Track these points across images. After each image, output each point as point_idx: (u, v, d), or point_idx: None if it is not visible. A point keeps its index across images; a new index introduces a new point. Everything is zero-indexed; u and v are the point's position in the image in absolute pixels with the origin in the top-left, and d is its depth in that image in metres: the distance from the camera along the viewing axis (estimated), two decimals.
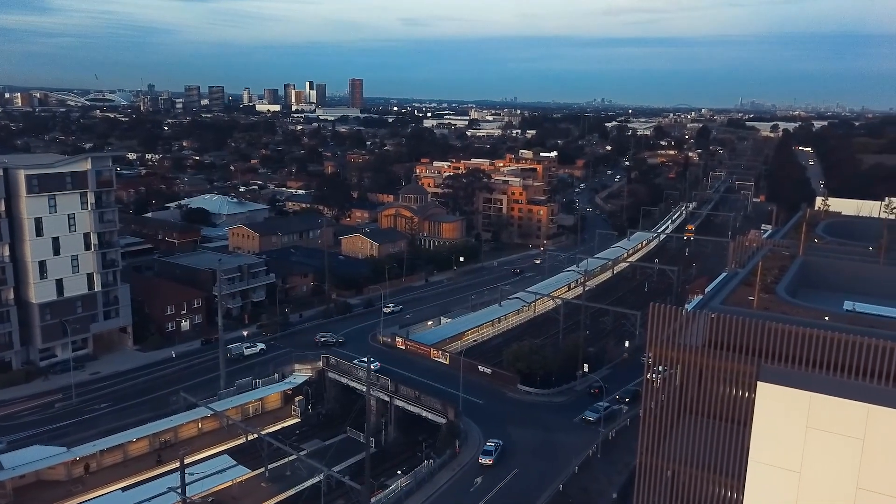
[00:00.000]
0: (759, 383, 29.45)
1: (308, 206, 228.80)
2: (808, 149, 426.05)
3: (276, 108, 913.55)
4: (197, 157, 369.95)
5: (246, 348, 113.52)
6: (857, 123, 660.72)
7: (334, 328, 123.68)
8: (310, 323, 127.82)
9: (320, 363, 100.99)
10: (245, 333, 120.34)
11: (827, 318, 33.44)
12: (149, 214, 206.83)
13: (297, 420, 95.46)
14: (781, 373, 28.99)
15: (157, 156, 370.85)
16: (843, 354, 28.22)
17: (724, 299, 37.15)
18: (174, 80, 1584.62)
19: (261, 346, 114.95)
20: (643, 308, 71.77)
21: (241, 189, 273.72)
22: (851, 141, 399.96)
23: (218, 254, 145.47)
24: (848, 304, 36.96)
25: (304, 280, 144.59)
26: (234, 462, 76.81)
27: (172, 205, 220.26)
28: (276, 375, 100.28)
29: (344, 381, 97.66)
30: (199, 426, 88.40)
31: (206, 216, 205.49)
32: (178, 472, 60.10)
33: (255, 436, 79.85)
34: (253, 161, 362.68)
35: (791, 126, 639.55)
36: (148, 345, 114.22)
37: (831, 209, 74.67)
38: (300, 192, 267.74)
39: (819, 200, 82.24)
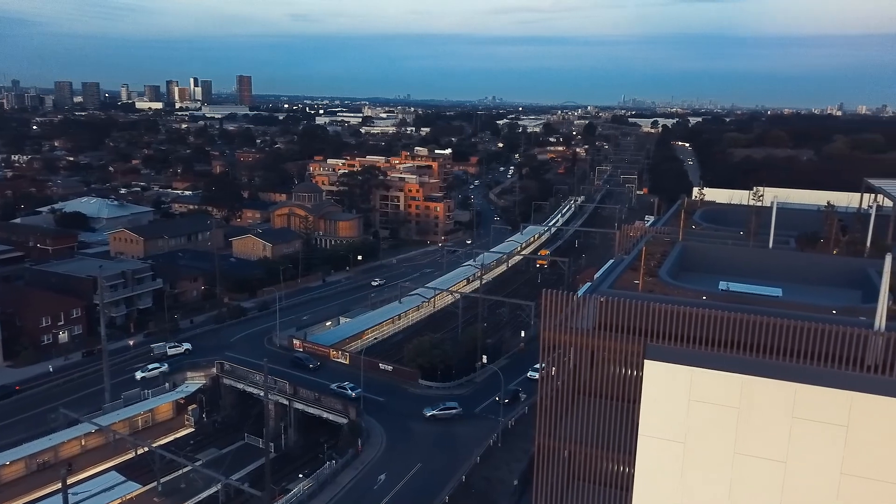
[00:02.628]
0: (646, 361, 30.92)
1: (196, 207, 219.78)
2: (686, 144, 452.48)
3: (159, 105, 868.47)
4: (71, 158, 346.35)
5: (170, 348, 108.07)
6: (727, 119, 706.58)
7: (228, 332, 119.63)
8: (201, 329, 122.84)
9: (214, 369, 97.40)
10: (131, 342, 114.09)
11: (705, 298, 35.53)
12: (17, 220, 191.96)
13: (191, 430, 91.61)
14: (665, 350, 30.55)
15: (25, 157, 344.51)
16: (720, 330, 30.10)
17: (612, 284, 38.72)
18: (42, 76, 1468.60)
19: (186, 345, 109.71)
20: (537, 299, 73.92)
21: (122, 191, 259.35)
22: (723, 136, 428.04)
23: (98, 260, 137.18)
24: (723, 284, 39.42)
25: (194, 284, 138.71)
26: (124, 478, 72.85)
27: (45, 209, 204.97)
28: (167, 385, 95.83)
29: (240, 386, 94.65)
30: (83, 443, 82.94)
31: (84, 220, 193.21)
32: (61, 494, 56.18)
33: (146, 449, 75.97)
34: (134, 161, 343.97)
35: (669, 122, 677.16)
36: (21, 360, 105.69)
37: (707, 198, 79.38)
38: (187, 192, 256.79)
39: (696, 191, 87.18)
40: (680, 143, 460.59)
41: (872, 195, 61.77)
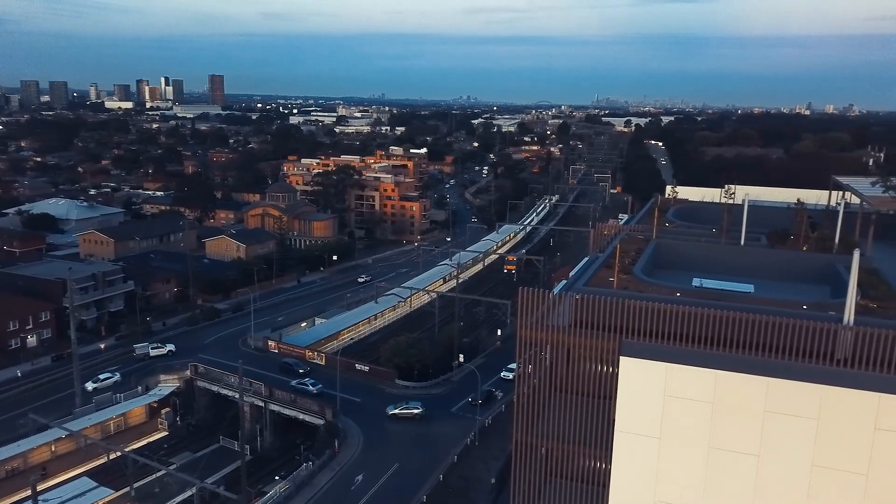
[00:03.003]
0: (621, 358, 31.16)
1: (168, 208, 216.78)
2: (659, 143, 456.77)
3: (129, 105, 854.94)
4: (38, 159, 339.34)
5: (152, 349, 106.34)
6: (699, 119, 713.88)
7: (202, 334, 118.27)
8: (174, 331, 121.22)
9: (188, 372, 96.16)
10: (102, 346, 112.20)
11: (678, 294, 35.97)
12: None
13: (165, 433, 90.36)
14: (640, 347, 30.83)
15: None
16: (694, 326, 30.47)
17: (587, 281, 39.02)
18: (8, 75, 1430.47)
19: (170, 346, 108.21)
20: (513, 297, 74.27)
21: (92, 192, 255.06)
22: (695, 135, 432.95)
23: (67, 262, 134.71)
24: (696, 281, 39.98)
25: (167, 286, 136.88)
26: (96, 484, 71.71)
27: (11, 211, 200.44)
28: (140, 388, 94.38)
29: (214, 388, 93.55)
30: (53, 449, 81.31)
31: (52, 222, 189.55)
32: (31, 501, 55.07)
33: (118, 454, 74.74)
34: (104, 162, 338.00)
35: (642, 121, 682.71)
36: None
37: (679, 196, 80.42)
38: (159, 193, 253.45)
39: (669, 189, 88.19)
40: (653, 142, 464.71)
41: (840, 192, 63.04)
